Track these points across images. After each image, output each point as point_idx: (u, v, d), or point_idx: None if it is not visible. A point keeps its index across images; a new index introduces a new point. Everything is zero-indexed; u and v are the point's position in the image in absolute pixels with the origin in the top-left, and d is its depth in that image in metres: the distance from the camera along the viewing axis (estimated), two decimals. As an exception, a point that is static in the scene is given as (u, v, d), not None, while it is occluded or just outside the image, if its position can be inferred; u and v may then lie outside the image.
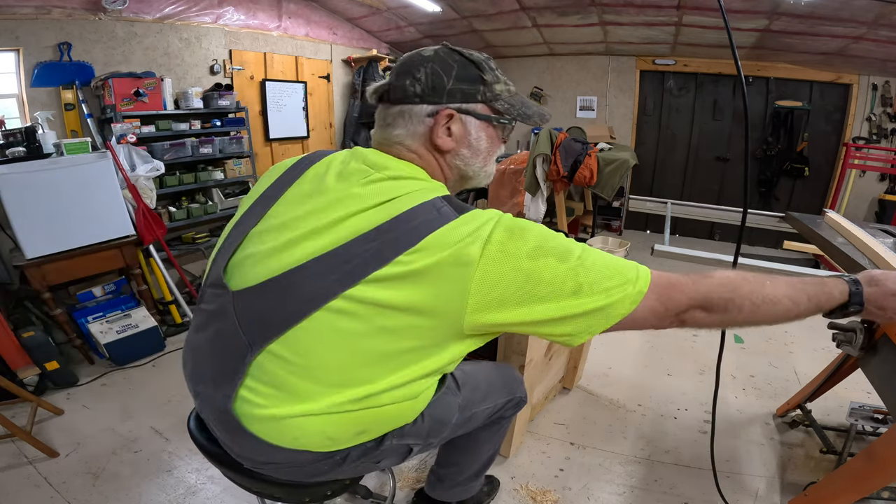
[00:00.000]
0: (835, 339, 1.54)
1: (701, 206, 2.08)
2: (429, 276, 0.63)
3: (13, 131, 2.21)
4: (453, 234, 0.63)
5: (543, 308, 0.64)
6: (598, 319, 0.66)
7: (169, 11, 3.09)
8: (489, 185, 4.31)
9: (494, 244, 0.63)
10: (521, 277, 0.63)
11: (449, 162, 0.78)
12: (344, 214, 0.67)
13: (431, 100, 0.73)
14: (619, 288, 0.66)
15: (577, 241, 0.70)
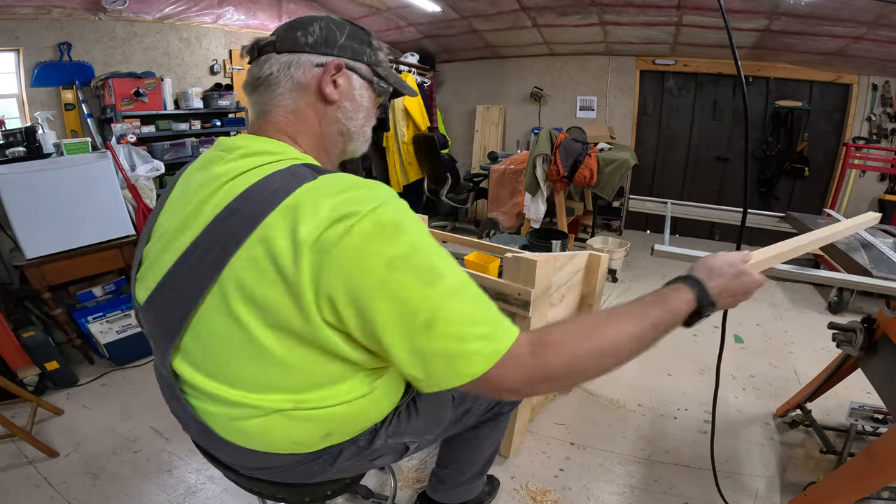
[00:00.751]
0: (835, 339, 1.55)
1: (701, 206, 2.07)
2: (277, 265, 0.55)
3: (13, 131, 2.21)
4: (315, 207, 0.55)
5: (385, 333, 0.56)
6: (443, 368, 0.56)
7: (169, 11, 3.09)
8: (489, 185, 4.31)
9: (356, 236, 0.53)
10: (374, 285, 0.54)
11: (331, 115, 0.73)
12: (202, 198, 0.63)
13: (323, 50, 0.71)
14: (478, 341, 0.56)
15: (459, 268, 0.59)
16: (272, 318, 0.58)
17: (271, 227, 0.55)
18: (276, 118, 0.71)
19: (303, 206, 0.55)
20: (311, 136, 0.73)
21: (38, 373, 2.00)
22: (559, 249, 3.38)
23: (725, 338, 1.03)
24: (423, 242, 0.57)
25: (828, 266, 2.97)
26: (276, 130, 0.70)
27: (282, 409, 0.65)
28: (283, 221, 0.55)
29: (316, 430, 0.70)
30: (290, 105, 0.71)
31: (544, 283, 1.41)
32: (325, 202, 0.55)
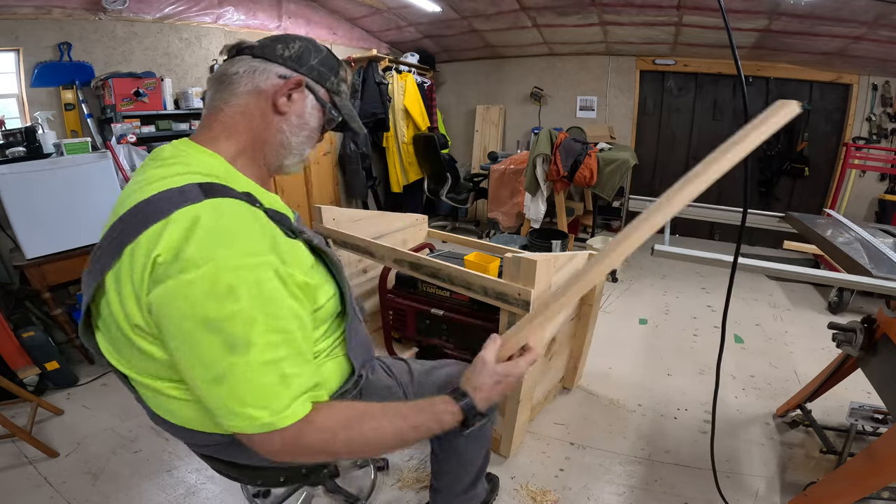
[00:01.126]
0: (835, 339, 1.55)
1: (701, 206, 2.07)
2: (139, 278, 0.61)
3: (13, 131, 2.21)
4: (170, 234, 0.59)
5: (182, 366, 0.63)
6: (219, 414, 0.64)
7: (169, 11, 3.09)
8: (489, 185, 4.31)
9: (187, 283, 0.58)
10: (184, 331, 0.60)
11: (276, 125, 0.77)
12: (121, 202, 0.68)
13: (291, 65, 0.77)
14: (259, 406, 0.63)
15: (281, 349, 0.64)
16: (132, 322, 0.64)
17: (140, 244, 0.60)
18: (225, 116, 0.75)
19: (164, 234, 0.59)
20: (249, 140, 0.76)
21: (38, 373, 2.00)
22: (559, 249, 3.38)
23: (725, 338, 1.03)
24: (249, 315, 0.61)
25: (828, 266, 2.98)
26: (220, 128, 0.75)
27: (179, 395, 0.71)
28: (147, 241, 0.60)
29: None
30: (242, 105, 0.75)
31: (544, 283, 1.41)
32: (180, 237, 0.59)
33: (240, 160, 0.76)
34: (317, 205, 1.93)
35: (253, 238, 0.64)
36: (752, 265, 1.15)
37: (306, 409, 0.68)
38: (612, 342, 2.61)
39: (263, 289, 0.62)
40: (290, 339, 0.66)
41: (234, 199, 0.65)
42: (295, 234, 0.73)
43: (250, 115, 0.76)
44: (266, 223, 0.67)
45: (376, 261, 1.76)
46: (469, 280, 1.47)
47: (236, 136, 0.75)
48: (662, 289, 3.45)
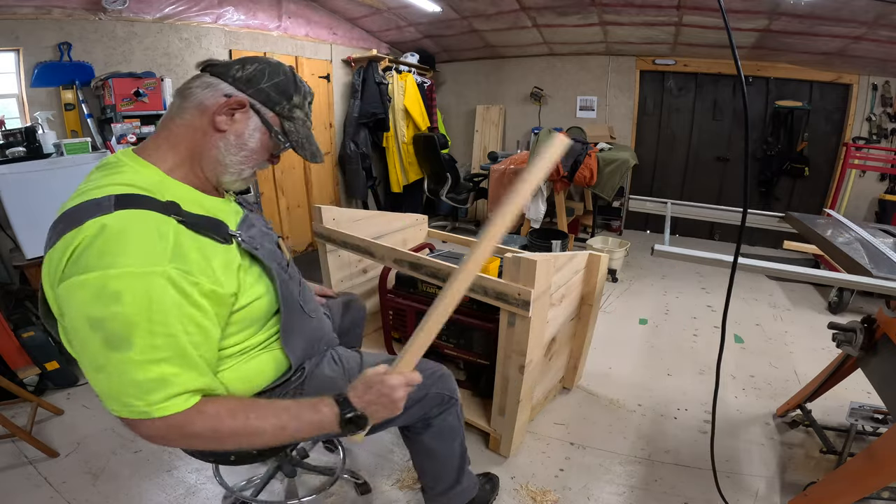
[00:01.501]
0: (835, 339, 1.55)
1: (701, 206, 2.07)
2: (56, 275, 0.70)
3: (13, 131, 2.21)
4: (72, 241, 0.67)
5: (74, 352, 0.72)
6: (101, 395, 0.71)
7: (169, 11, 3.09)
8: (489, 186, 4.31)
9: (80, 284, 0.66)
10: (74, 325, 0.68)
11: (213, 141, 0.81)
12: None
13: (239, 86, 0.81)
14: (135, 397, 0.70)
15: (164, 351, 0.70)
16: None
17: (56, 249, 0.69)
18: (173, 127, 0.81)
19: (74, 241, 0.67)
20: (188, 152, 0.81)
21: (38, 373, 2.00)
22: (559, 249, 3.38)
23: (725, 338, 1.03)
24: (131, 319, 0.67)
25: (828, 266, 2.98)
26: (164, 138, 0.81)
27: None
28: (62, 246, 0.68)
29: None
30: (188, 119, 0.80)
31: (544, 283, 1.41)
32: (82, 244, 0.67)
33: (179, 170, 0.80)
34: (317, 205, 1.93)
35: (149, 249, 0.69)
36: (752, 265, 1.15)
37: (188, 404, 0.73)
38: (612, 342, 2.61)
39: (152, 296, 0.68)
40: (174, 343, 0.71)
41: (145, 210, 0.71)
42: (226, 240, 0.79)
43: (193, 128, 0.80)
44: (171, 232, 0.72)
45: (376, 261, 1.76)
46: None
47: (177, 148, 0.80)
48: (662, 289, 3.45)
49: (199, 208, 0.79)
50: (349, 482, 1.59)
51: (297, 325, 0.94)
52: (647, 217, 4.73)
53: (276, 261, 0.90)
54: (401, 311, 1.96)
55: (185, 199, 0.77)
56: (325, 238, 1.93)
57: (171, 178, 0.79)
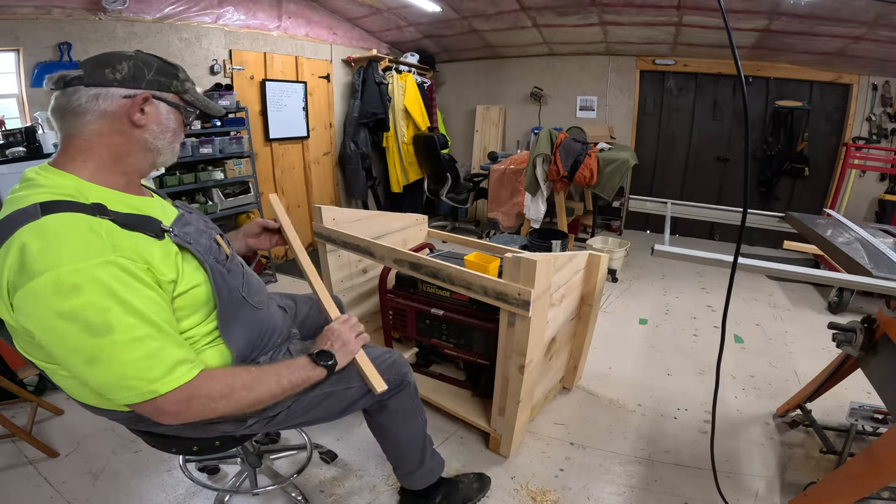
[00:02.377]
0: (835, 339, 1.55)
1: (701, 206, 2.07)
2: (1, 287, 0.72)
3: (13, 131, 2.21)
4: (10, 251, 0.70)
5: (59, 357, 0.75)
6: (105, 390, 0.76)
7: (169, 11, 3.09)
8: (489, 185, 4.31)
9: (35, 288, 0.68)
10: (45, 326, 0.71)
11: (137, 136, 0.86)
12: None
13: (130, 85, 0.84)
14: (133, 381, 0.75)
15: (142, 328, 0.75)
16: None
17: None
18: (80, 142, 0.82)
19: (11, 247, 0.70)
20: (108, 155, 0.84)
21: (38, 373, 1.99)
22: (559, 249, 3.38)
23: (725, 338, 1.03)
24: (100, 304, 0.71)
25: (828, 266, 2.98)
26: (76, 152, 0.83)
27: (64, 375, 0.83)
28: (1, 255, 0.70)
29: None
30: (96, 130, 0.82)
31: (544, 283, 1.41)
32: (21, 251, 0.69)
33: (99, 176, 0.83)
34: (317, 205, 1.93)
35: (87, 243, 0.72)
36: (752, 265, 1.15)
37: (190, 375, 0.80)
38: (612, 342, 2.61)
39: (109, 281, 0.72)
40: (147, 319, 0.76)
41: (72, 212, 0.74)
42: (158, 235, 0.84)
43: (107, 135, 0.83)
44: (104, 230, 0.75)
45: (376, 261, 1.76)
46: (469, 280, 1.47)
47: (94, 156, 0.83)
48: (662, 289, 3.45)
49: (126, 208, 0.83)
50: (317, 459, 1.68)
51: (239, 315, 0.99)
52: (647, 217, 4.74)
53: (213, 255, 0.95)
54: (401, 311, 1.96)
55: (111, 201, 0.81)
56: (325, 238, 1.93)
57: (91, 184, 0.82)
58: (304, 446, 1.69)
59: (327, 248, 1.99)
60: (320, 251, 2.02)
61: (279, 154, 4.01)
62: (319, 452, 1.69)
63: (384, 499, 1.53)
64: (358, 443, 1.78)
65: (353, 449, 1.75)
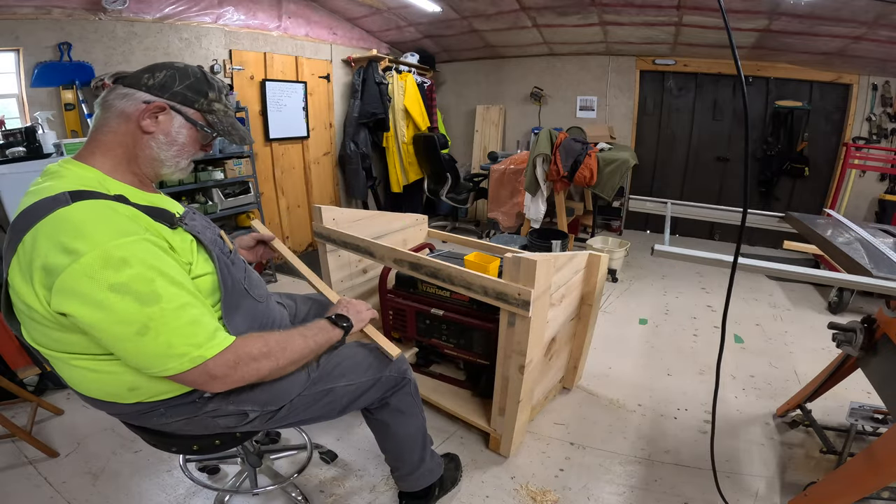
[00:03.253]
0: (835, 339, 1.55)
1: (701, 206, 2.07)
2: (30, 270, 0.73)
3: (13, 131, 2.21)
4: (50, 234, 0.73)
5: (106, 333, 0.75)
6: (150, 362, 0.79)
7: (169, 11, 3.09)
8: (489, 185, 4.31)
9: (83, 267, 0.71)
10: (96, 302, 0.72)
11: (145, 142, 0.90)
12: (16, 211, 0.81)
13: (155, 92, 0.89)
14: (182, 348, 0.78)
15: (184, 296, 0.80)
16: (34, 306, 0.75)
17: (24, 244, 0.74)
18: (101, 135, 0.88)
19: (43, 232, 0.73)
20: (123, 154, 0.89)
21: (39, 373, 2.00)
22: (559, 249, 3.38)
23: (725, 338, 1.03)
24: (147, 275, 0.76)
25: (828, 266, 2.98)
26: (96, 146, 0.87)
27: (82, 365, 0.83)
28: (31, 240, 0.73)
29: (119, 382, 0.86)
30: (113, 127, 0.88)
31: (544, 283, 1.41)
32: (57, 234, 0.72)
33: (117, 172, 0.87)
34: (317, 205, 1.93)
35: (121, 224, 0.77)
36: (752, 265, 1.15)
37: (229, 339, 0.84)
38: (612, 342, 2.61)
39: (149, 255, 0.77)
40: (186, 288, 0.81)
41: (99, 199, 0.78)
42: (173, 225, 0.87)
43: (121, 134, 0.88)
44: (132, 214, 0.80)
45: (376, 261, 1.76)
46: (469, 280, 1.47)
47: (111, 153, 0.87)
48: (662, 289, 3.45)
49: (143, 200, 0.87)
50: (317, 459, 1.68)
51: (240, 304, 1.01)
52: (647, 217, 4.74)
53: (219, 247, 0.99)
54: (401, 311, 1.96)
55: (129, 194, 0.85)
56: (325, 238, 1.93)
57: (111, 178, 0.86)
58: (304, 446, 1.69)
59: (327, 248, 1.99)
60: (320, 251, 2.02)
61: (279, 154, 4.01)
62: (319, 452, 1.69)
63: (384, 499, 1.53)
64: (358, 443, 1.78)
65: (353, 449, 1.75)
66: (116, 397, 0.89)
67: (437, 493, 1.48)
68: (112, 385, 0.87)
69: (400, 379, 1.24)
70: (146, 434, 1.05)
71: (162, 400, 0.92)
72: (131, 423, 1.03)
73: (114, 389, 0.87)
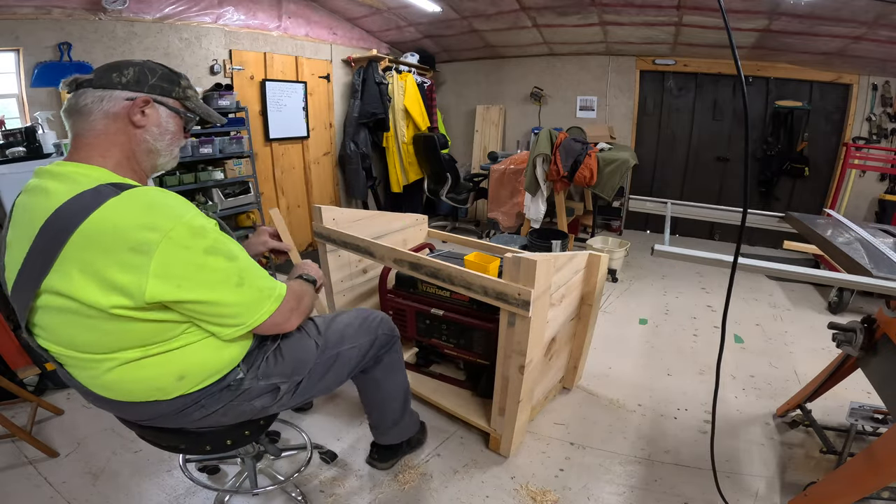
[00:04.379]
0: (835, 339, 1.55)
1: (701, 206, 2.07)
2: (94, 267, 0.75)
3: (13, 131, 2.21)
4: (123, 216, 0.76)
5: (213, 293, 0.84)
6: (250, 310, 0.90)
7: (169, 11, 3.09)
8: (489, 185, 4.31)
9: (176, 239, 0.78)
10: (197, 267, 0.81)
11: (139, 137, 0.92)
12: (32, 215, 0.81)
13: (133, 88, 0.90)
14: (269, 290, 0.94)
15: (242, 250, 0.92)
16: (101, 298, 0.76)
17: (72, 242, 0.75)
18: (89, 139, 0.88)
19: (110, 220, 0.75)
20: (121, 153, 0.90)
21: (38, 373, 2.00)
22: (559, 249, 3.38)
23: (725, 338, 1.03)
24: (220, 238, 0.86)
25: (828, 266, 2.98)
26: (89, 150, 0.88)
27: (131, 359, 0.85)
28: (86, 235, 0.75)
29: (168, 373, 0.89)
30: (101, 129, 0.88)
31: (544, 283, 1.41)
32: (136, 216, 0.77)
33: (120, 169, 0.89)
34: (317, 205, 1.93)
35: (180, 200, 0.84)
36: (752, 265, 1.15)
37: (285, 285, 1.00)
38: (612, 342, 2.61)
39: (210, 223, 0.86)
40: (240, 247, 0.93)
41: (143, 187, 0.83)
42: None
43: (112, 135, 0.89)
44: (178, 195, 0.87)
45: (376, 261, 1.76)
46: (469, 280, 1.47)
47: (108, 153, 0.89)
48: (662, 289, 3.45)
49: None
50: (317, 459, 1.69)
51: None
52: (647, 217, 4.74)
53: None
54: (401, 311, 1.96)
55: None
56: (325, 238, 1.93)
57: (120, 176, 0.88)
58: (304, 446, 1.69)
59: (327, 248, 1.99)
60: (320, 251, 2.02)
61: (279, 154, 4.01)
62: (319, 452, 1.69)
63: (384, 499, 1.53)
64: (358, 443, 1.78)
65: (353, 449, 1.75)
66: (161, 392, 0.90)
67: (405, 449, 1.67)
68: (159, 378, 0.88)
69: (391, 337, 1.38)
70: (177, 437, 1.05)
71: (202, 389, 0.94)
72: (166, 428, 1.03)
73: (160, 383, 0.89)
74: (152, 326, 0.83)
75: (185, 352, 0.89)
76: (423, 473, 1.64)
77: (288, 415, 1.91)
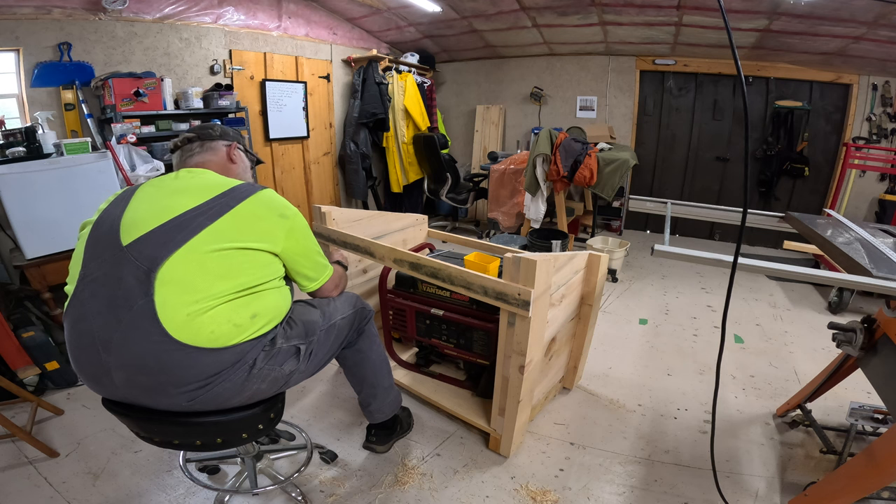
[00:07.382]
0: (835, 339, 1.55)
1: (701, 206, 2.07)
2: (257, 219, 1.12)
3: (13, 131, 2.21)
4: (273, 199, 1.19)
5: (312, 253, 1.27)
6: (320, 274, 1.32)
7: (169, 11, 3.10)
8: (489, 185, 4.31)
9: (296, 220, 1.21)
10: (306, 236, 1.24)
11: (235, 168, 1.36)
12: (194, 187, 1.14)
13: (225, 139, 1.36)
14: (325, 264, 1.35)
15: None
16: (242, 244, 1.09)
17: (251, 203, 1.13)
18: (210, 164, 1.30)
19: (265, 199, 1.17)
20: (230, 174, 1.32)
21: (38, 373, 2.00)
22: (559, 249, 3.38)
23: (725, 338, 1.03)
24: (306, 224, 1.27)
25: (828, 266, 2.98)
26: (210, 167, 1.29)
27: (230, 298, 1.04)
28: (259, 202, 1.15)
29: (247, 312, 1.07)
30: (216, 160, 1.32)
31: (544, 283, 1.41)
32: (276, 199, 1.21)
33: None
34: (317, 205, 1.93)
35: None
36: (752, 265, 1.15)
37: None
38: (612, 342, 2.61)
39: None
40: None
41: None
42: None
43: (223, 166, 1.33)
44: None
45: (376, 261, 1.76)
46: (469, 280, 1.47)
47: (220, 172, 1.28)
48: (662, 289, 3.45)
49: None
50: (317, 459, 1.69)
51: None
52: (647, 217, 4.74)
53: None
54: (401, 311, 1.96)
55: None
56: (325, 238, 1.93)
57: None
58: (304, 446, 1.69)
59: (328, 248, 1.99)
60: (320, 251, 2.02)
61: (279, 154, 4.02)
62: (319, 452, 1.69)
63: (384, 499, 1.53)
64: (358, 443, 1.78)
65: (353, 449, 1.75)
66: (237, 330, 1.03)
67: (398, 432, 1.78)
68: (239, 315, 1.05)
69: (366, 308, 1.55)
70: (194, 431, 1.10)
71: (257, 338, 1.08)
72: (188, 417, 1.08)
73: (238, 319, 1.05)
74: (266, 268, 1.12)
75: (263, 295, 1.11)
76: (423, 473, 1.64)
77: (288, 415, 1.91)
